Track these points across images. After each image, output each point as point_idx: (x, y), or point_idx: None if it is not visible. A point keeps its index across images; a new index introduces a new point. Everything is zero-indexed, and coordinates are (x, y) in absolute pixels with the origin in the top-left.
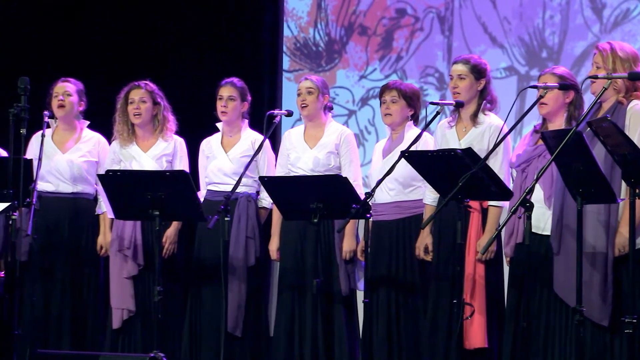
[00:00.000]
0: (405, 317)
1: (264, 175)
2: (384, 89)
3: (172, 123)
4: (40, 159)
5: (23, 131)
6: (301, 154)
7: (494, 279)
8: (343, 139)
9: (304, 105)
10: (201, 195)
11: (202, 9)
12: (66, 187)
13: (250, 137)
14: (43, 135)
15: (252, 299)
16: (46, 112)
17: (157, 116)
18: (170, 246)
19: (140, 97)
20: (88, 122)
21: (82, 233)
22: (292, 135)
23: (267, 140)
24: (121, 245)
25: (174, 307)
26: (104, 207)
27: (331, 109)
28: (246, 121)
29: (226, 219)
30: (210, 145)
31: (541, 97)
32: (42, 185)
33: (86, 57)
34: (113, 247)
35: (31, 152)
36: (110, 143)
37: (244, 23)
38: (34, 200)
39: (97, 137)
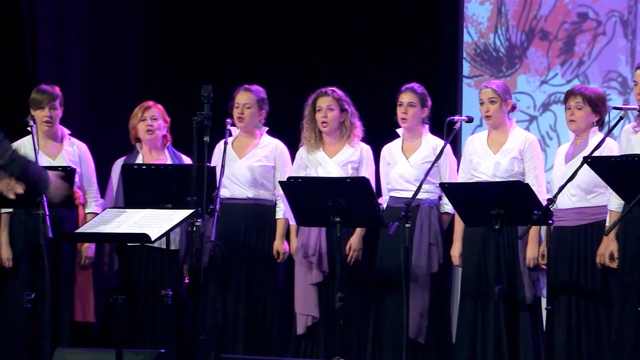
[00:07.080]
0: (586, 324)
1: (446, 181)
2: (569, 95)
3: (359, 129)
4: (223, 167)
5: (206, 139)
6: (483, 159)
7: None
8: (528, 144)
9: (488, 115)
10: (383, 201)
11: (383, 17)
12: (243, 192)
13: (431, 143)
14: (225, 143)
15: (435, 305)
16: (229, 120)
17: (345, 123)
18: (354, 253)
19: (327, 104)
20: (267, 128)
21: (261, 238)
22: (475, 141)
23: (448, 146)
24: (306, 252)
25: (358, 314)
26: (281, 213)
27: (514, 108)
28: (427, 126)
29: (407, 225)
30: (390, 151)
31: None
32: (221, 192)
33: (270, 64)
34: (298, 254)
35: (214, 160)
36: (287, 148)
37: (424, 29)
38: (217, 207)
39: (276, 142)
